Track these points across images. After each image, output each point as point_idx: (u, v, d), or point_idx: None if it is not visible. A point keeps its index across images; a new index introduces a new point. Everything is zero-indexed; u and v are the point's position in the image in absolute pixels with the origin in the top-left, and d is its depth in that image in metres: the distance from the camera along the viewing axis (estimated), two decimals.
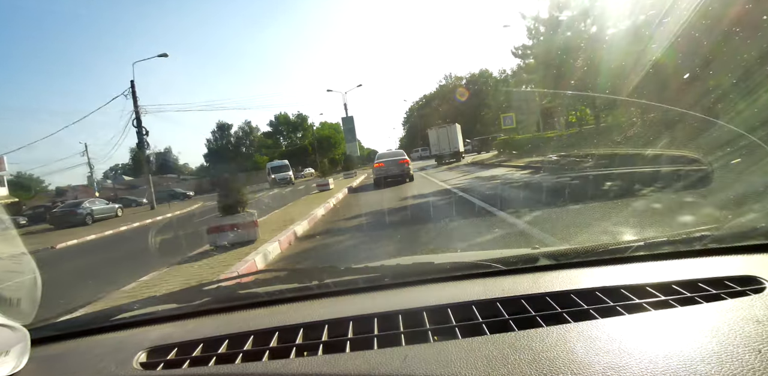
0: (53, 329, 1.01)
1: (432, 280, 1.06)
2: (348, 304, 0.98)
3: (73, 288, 5.45)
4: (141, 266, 5.56)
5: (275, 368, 0.70)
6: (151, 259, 6.03)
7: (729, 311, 0.73)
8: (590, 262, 1.07)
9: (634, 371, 0.57)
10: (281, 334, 0.84)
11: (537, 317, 0.79)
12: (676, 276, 0.92)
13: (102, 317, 1.09)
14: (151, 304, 1.14)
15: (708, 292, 0.84)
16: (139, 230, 13.62)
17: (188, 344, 0.85)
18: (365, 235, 5.96)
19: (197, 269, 4.82)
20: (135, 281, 4.58)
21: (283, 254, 5.47)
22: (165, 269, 5.05)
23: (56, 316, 1.10)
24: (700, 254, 1.06)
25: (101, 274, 6.59)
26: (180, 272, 4.78)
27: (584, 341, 0.67)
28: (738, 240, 1.12)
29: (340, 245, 5.66)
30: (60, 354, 0.91)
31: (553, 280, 0.98)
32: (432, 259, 1.30)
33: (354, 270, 1.19)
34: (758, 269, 0.90)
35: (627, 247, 1.11)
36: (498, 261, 1.10)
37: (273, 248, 5.37)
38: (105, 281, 5.26)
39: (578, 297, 0.86)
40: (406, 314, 0.86)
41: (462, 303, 0.88)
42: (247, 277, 1.23)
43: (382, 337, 0.79)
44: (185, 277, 4.46)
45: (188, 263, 5.22)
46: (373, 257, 4.22)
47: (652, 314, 0.75)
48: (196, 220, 13.85)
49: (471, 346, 0.68)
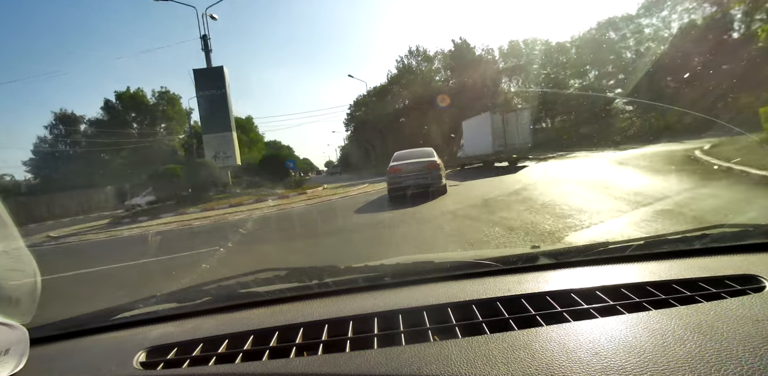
0: (53, 329, 1.01)
1: (432, 279, 1.06)
2: (348, 303, 0.98)
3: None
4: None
5: (275, 368, 0.70)
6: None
7: (729, 310, 0.72)
8: (590, 261, 1.07)
9: (634, 371, 0.57)
10: (281, 333, 0.84)
11: (537, 316, 0.79)
12: (676, 275, 0.92)
13: (102, 316, 1.09)
14: (151, 303, 1.14)
15: (708, 291, 0.84)
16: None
17: (188, 343, 0.85)
18: None
19: None
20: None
21: None
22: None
23: (56, 315, 1.10)
24: (700, 253, 1.06)
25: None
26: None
27: (584, 340, 0.67)
28: (738, 239, 1.12)
29: None
30: (60, 354, 0.91)
31: (553, 279, 0.99)
32: (432, 258, 1.30)
33: (354, 269, 1.19)
34: (758, 269, 0.90)
35: (627, 246, 1.11)
36: (498, 260, 1.10)
37: None
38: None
39: (578, 296, 0.86)
40: (406, 313, 0.86)
41: (462, 302, 0.88)
42: (247, 276, 1.23)
43: (382, 336, 0.79)
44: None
45: None
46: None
47: (652, 313, 0.75)
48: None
49: (471, 345, 0.68)
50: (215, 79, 20.07)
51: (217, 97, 20.06)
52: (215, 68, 20.19)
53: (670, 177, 7.26)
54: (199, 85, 20.04)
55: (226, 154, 20.33)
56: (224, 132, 20.40)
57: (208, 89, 20.01)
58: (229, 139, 20.40)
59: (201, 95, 20.18)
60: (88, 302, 4.02)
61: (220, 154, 20.38)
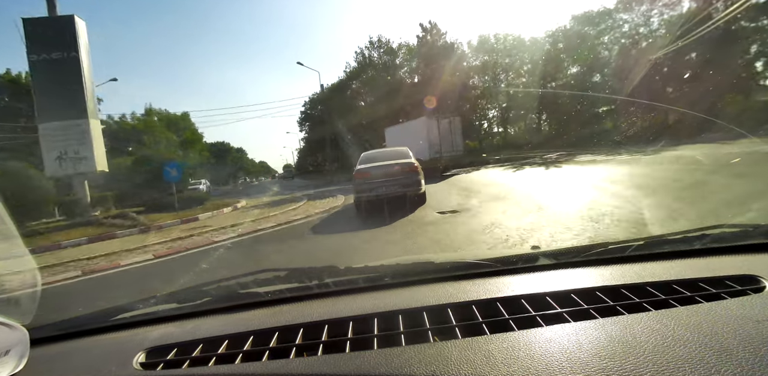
0: (53, 329, 1.01)
1: (432, 279, 1.06)
2: (348, 304, 0.98)
3: None
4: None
5: (275, 368, 0.70)
6: None
7: (729, 310, 0.72)
8: (590, 261, 1.07)
9: (634, 371, 0.57)
10: (281, 334, 0.84)
11: (537, 316, 0.79)
12: (676, 276, 0.92)
13: (102, 316, 1.09)
14: (151, 304, 1.14)
15: (708, 291, 0.84)
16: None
17: (188, 344, 0.85)
18: None
19: None
20: None
21: None
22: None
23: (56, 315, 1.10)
24: (700, 253, 1.06)
25: None
26: None
27: (584, 340, 0.67)
28: (738, 240, 1.12)
29: None
30: (60, 354, 0.91)
31: (553, 279, 0.99)
32: (432, 258, 1.30)
33: (354, 270, 1.19)
34: (758, 269, 0.90)
35: (627, 246, 1.11)
36: (498, 261, 1.10)
37: None
38: None
39: (578, 297, 0.86)
40: (406, 313, 0.86)
41: (462, 303, 0.88)
42: (247, 277, 1.23)
43: (382, 337, 0.79)
44: None
45: None
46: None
47: (652, 314, 0.75)
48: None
49: (471, 346, 0.68)
50: (61, 35, 12.36)
51: (64, 63, 12.38)
52: (61, 18, 12.61)
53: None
54: (35, 45, 12.29)
55: (78, 155, 12.51)
56: (76, 119, 12.47)
57: (49, 51, 12.34)
58: (82, 130, 12.52)
59: (36, 60, 12.31)
60: None
61: (68, 156, 12.50)
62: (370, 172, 7.26)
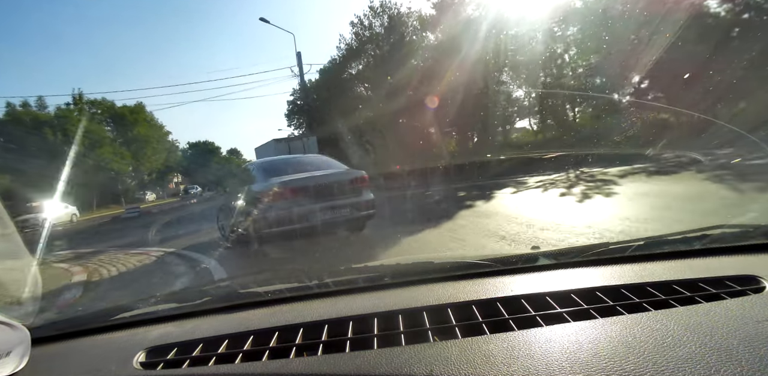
0: (53, 329, 1.01)
1: (432, 279, 1.06)
2: (348, 303, 0.98)
3: None
4: None
5: (275, 368, 0.70)
6: None
7: (729, 311, 0.72)
8: (590, 261, 1.07)
9: (634, 371, 0.57)
10: (281, 334, 0.84)
11: (537, 316, 0.79)
12: (676, 276, 0.92)
13: (102, 316, 1.10)
14: (151, 303, 1.14)
15: (708, 292, 0.84)
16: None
17: (188, 343, 0.85)
18: None
19: None
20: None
21: None
22: None
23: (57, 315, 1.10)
24: (700, 253, 1.06)
25: None
26: None
27: (584, 340, 0.67)
28: (738, 240, 1.12)
29: None
30: (60, 354, 0.91)
31: (553, 279, 0.98)
32: (432, 258, 1.30)
33: (354, 270, 1.20)
34: (758, 269, 0.90)
35: (627, 246, 1.11)
36: (498, 261, 1.10)
37: None
38: None
39: (578, 297, 0.86)
40: (406, 313, 0.86)
41: (462, 303, 0.88)
42: (247, 276, 1.23)
43: (381, 337, 0.79)
44: None
45: None
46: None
47: (652, 314, 0.75)
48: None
49: (471, 345, 0.68)
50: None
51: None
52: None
53: None
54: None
55: None
56: None
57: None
58: None
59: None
60: None
61: None
62: (296, 190, 4.64)
